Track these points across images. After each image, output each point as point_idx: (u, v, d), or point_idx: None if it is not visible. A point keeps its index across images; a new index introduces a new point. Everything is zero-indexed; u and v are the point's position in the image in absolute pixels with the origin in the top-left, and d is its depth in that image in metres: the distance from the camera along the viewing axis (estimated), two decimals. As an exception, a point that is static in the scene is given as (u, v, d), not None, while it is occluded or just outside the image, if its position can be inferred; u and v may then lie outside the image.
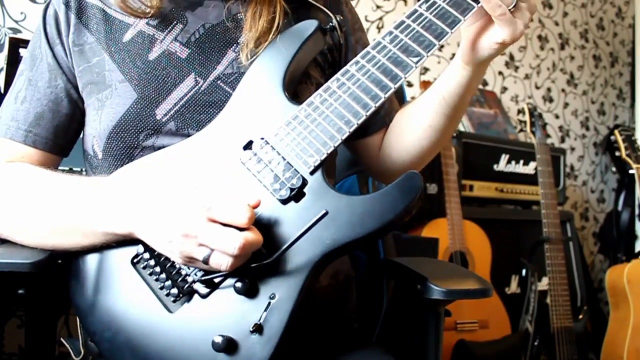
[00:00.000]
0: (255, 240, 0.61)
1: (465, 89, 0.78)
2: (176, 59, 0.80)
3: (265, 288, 0.64)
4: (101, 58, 0.80)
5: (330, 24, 0.83)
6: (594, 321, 2.24)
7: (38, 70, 0.83)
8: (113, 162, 0.78)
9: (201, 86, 0.79)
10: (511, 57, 2.76)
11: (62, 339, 0.86)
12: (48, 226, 0.72)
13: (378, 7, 2.33)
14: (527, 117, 2.16)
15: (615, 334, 2.09)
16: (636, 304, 2.06)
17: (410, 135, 0.86)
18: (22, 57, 1.36)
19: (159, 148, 0.76)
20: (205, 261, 0.61)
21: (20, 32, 1.64)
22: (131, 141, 0.77)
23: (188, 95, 0.79)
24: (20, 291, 0.79)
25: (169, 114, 0.78)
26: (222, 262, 0.60)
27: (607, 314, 2.20)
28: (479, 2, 0.68)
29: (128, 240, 0.69)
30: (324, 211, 0.63)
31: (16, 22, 1.64)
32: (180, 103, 0.78)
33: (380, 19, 2.33)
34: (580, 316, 2.02)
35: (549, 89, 2.90)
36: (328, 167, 0.85)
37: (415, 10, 0.71)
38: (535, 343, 1.90)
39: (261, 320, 0.62)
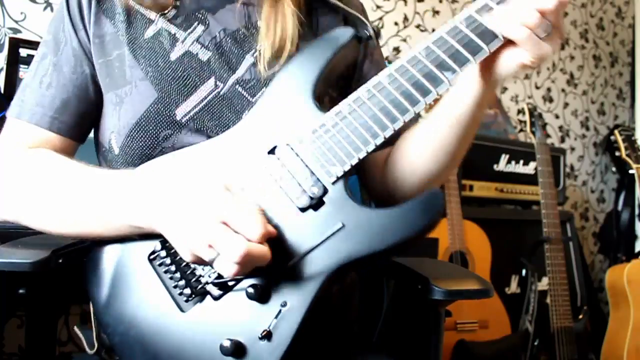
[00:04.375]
0: (261, 255, 0.59)
1: (477, 106, 0.74)
2: (197, 61, 0.80)
3: (277, 295, 0.63)
4: (121, 52, 0.80)
5: (366, 32, 0.80)
6: (594, 321, 2.24)
7: (63, 55, 0.81)
8: (130, 160, 0.78)
9: (221, 90, 0.79)
10: (511, 57, 2.76)
11: (75, 328, 0.85)
12: (71, 216, 0.73)
13: (378, 7, 2.33)
14: (527, 117, 2.16)
15: (615, 334, 2.10)
16: (636, 304, 2.06)
17: (419, 156, 0.82)
18: (22, 57, 1.38)
19: (178, 148, 0.76)
20: (212, 264, 0.60)
21: (20, 32, 1.64)
22: (150, 141, 0.77)
23: (208, 99, 0.79)
24: (20, 291, 0.79)
25: (189, 115, 0.78)
26: (224, 267, 0.60)
27: (607, 314, 2.20)
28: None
29: (148, 236, 0.69)
30: (340, 225, 0.63)
31: (16, 22, 1.64)
32: (200, 105, 0.78)
33: (381, 19, 2.33)
34: (580, 316, 2.02)
35: (549, 89, 2.90)
36: None
37: (455, 27, 0.68)
38: (535, 343, 1.90)
39: (271, 327, 0.62)
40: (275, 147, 0.70)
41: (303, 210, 0.66)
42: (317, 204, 0.65)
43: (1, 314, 0.94)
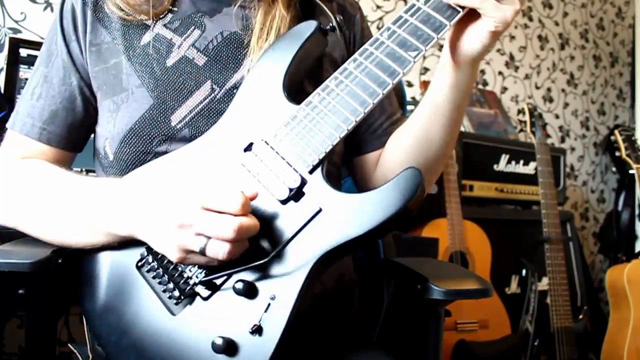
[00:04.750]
0: (251, 225, 0.61)
1: (460, 92, 0.74)
2: (193, 66, 0.80)
3: (265, 289, 0.63)
4: (119, 60, 0.80)
5: (331, 24, 0.81)
6: (594, 321, 2.24)
7: (53, 67, 0.82)
8: (124, 166, 0.78)
9: (217, 94, 0.79)
10: (511, 57, 2.76)
11: (69, 345, 0.86)
12: (58, 224, 0.74)
13: (378, 7, 2.33)
14: (527, 117, 2.16)
15: (615, 334, 2.09)
16: (636, 304, 2.06)
17: (405, 150, 0.82)
18: (22, 57, 1.38)
19: None
20: (202, 251, 0.61)
21: (20, 32, 1.64)
22: (144, 147, 0.77)
23: (204, 103, 0.79)
24: (20, 291, 0.79)
25: (184, 121, 0.78)
26: (218, 249, 0.60)
27: (607, 314, 2.20)
28: None
29: (134, 244, 0.69)
30: (317, 208, 0.63)
31: (16, 22, 1.64)
32: (196, 110, 0.78)
33: (381, 19, 2.33)
34: (580, 316, 2.02)
35: (549, 89, 2.90)
36: (334, 171, 0.84)
37: (413, 5, 0.70)
38: (535, 343, 1.90)
39: (261, 321, 0.62)
40: (251, 144, 0.70)
41: (284, 202, 0.66)
42: (297, 194, 0.66)
43: (1, 314, 0.94)
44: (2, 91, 1.35)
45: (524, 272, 2.02)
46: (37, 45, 1.40)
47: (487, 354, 1.78)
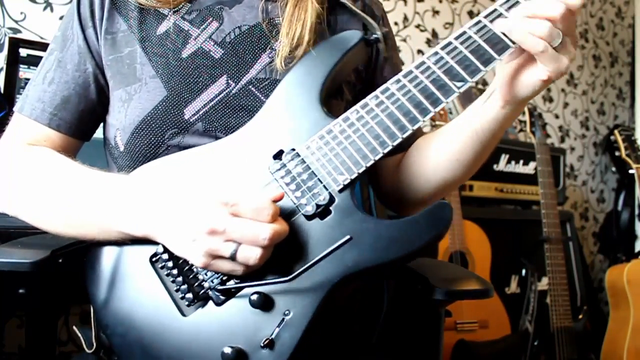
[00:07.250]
0: (283, 230, 0.61)
1: (501, 126, 0.74)
2: (209, 59, 0.79)
3: (280, 303, 0.63)
4: (133, 49, 0.79)
5: (375, 35, 0.79)
6: (594, 321, 2.24)
7: (68, 52, 0.81)
8: (135, 158, 0.77)
9: (232, 89, 0.78)
10: (511, 57, 2.76)
11: (74, 327, 0.85)
12: (65, 218, 0.72)
13: (378, 7, 2.33)
14: (527, 117, 2.16)
15: (615, 334, 2.10)
16: (636, 304, 2.06)
17: (433, 165, 0.81)
18: (21, 56, 1.38)
19: (184, 148, 0.75)
20: (233, 257, 0.60)
21: (20, 32, 1.64)
22: (156, 139, 0.76)
23: (219, 97, 0.77)
24: (20, 291, 0.79)
25: (198, 115, 0.77)
26: (250, 254, 0.60)
27: (607, 314, 2.20)
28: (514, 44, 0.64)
29: (148, 240, 0.68)
30: (347, 237, 0.62)
31: (16, 22, 1.64)
32: (210, 104, 0.77)
33: (380, 18, 2.33)
34: (580, 316, 2.02)
35: (548, 89, 2.90)
36: None
37: (464, 32, 0.66)
38: (535, 343, 1.90)
39: (273, 336, 0.62)
40: (281, 152, 0.69)
41: (309, 218, 0.65)
42: (323, 212, 0.65)
43: (1, 314, 0.94)
44: (2, 91, 1.35)
45: (523, 272, 2.02)
46: (37, 45, 1.40)
47: (487, 354, 1.77)
